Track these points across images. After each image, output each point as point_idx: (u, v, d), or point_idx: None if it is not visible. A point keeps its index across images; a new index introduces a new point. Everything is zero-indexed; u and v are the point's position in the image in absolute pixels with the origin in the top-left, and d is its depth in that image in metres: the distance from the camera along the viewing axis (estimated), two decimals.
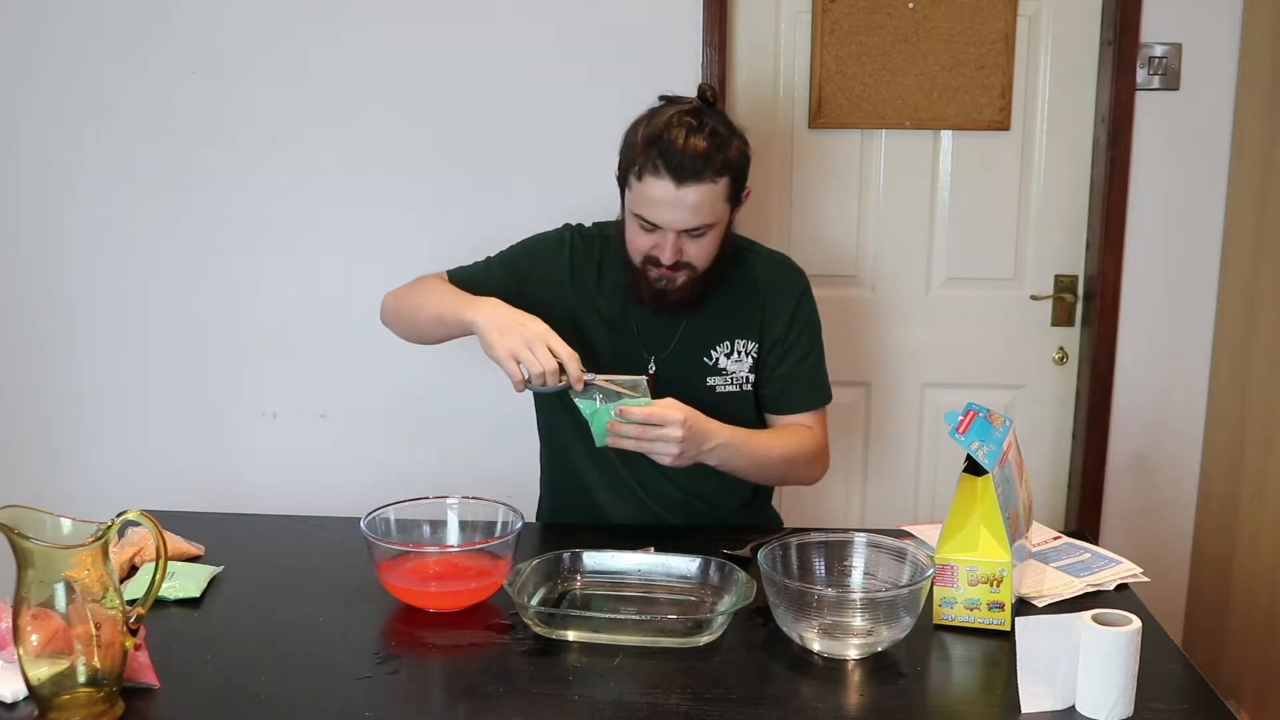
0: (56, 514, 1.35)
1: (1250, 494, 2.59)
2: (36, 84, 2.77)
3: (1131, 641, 1.35)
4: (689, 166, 1.79)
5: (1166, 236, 2.74)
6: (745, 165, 1.89)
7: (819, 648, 1.51)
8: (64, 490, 2.88)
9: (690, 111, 1.84)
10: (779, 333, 2.03)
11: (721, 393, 2.01)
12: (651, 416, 1.78)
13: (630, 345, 2.01)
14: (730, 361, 2.02)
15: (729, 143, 1.84)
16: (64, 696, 1.33)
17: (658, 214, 1.84)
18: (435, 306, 1.93)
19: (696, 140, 1.80)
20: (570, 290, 2.02)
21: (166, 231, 2.82)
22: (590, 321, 2.01)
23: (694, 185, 1.80)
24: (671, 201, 1.82)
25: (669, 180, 1.80)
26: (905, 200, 2.81)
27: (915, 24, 2.71)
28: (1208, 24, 2.64)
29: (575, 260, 2.03)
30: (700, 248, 1.89)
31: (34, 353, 2.90)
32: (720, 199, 1.85)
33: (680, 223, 1.84)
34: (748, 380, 2.03)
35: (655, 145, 1.81)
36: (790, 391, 2.04)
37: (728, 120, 1.89)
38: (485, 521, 1.78)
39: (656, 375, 2.00)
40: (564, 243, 2.05)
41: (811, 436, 2.03)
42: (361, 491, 2.10)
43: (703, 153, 1.79)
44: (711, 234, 1.88)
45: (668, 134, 1.80)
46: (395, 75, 2.72)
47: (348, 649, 1.56)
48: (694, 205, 1.82)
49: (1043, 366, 2.87)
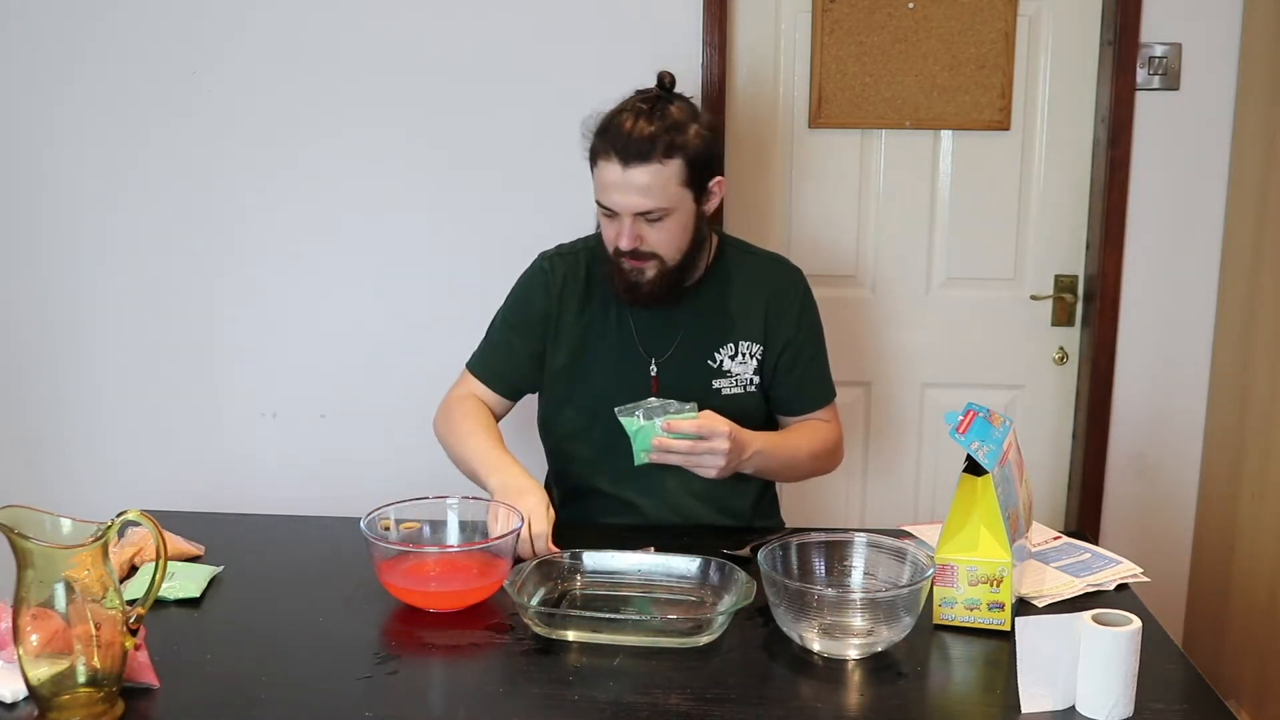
0: (56, 514, 1.36)
1: (1250, 494, 2.59)
2: (39, 85, 2.77)
3: (1131, 641, 1.35)
4: (635, 148, 1.84)
5: (1166, 236, 2.74)
6: (707, 152, 1.90)
7: (819, 648, 1.51)
8: (64, 490, 2.88)
9: (644, 98, 1.90)
10: (788, 335, 2.04)
11: (727, 395, 2.01)
12: (702, 429, 1.81)
13: (630, 349, 2.02)
14: (735, 364, 2.02)
15: (684, 127, 1.87)
16: (64, 696, 1.33)
17: (610, 197, 1.89)
18: (468, 461, 1.97)
19: (644, 123, 1.85)
20: (567, 314, 2.05)
21: (166, 232, 2.82)
22: (592, 336, 2.04)
23: (640, 166, 1.84)
24: (620, 183, 1.86)
25: (617, 162, 1.85)
26: (905, 200, 2.81)
27: (915, 24, 2.71)
28: (1208, 24, 2.64)
29: (560, 284, 2.06)
30: (661, 235, 1.90)
31: (33, 352, 2.89)
32: (673, 183, 1.87)
33: (631, 205, 1.87)
34: (752, 382, 2.03)
35: (607, 131, 1.88)
36: (806, 392, 2.08)
37: (692, 108, 1.92)
38: (485, 521, 1.78)
39: (659, 378, 2.00)
40: (545, 273, 2.08)
41: (830, 430, 2.10)
42: (361, 491, 2.11)
43: (649, 135, 1.84)
44: (670, 220, 1.90)
45: (617, 118, 1.87)
46: (395, 77, 2.72)
47: (348, 649, 1.56)
48: (642, 187, 1.85)
49: (1043, 366, 2.87)
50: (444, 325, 2.75)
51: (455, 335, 2.25)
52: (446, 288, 2.79)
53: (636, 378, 2.02)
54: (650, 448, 1.83)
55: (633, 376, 2.02)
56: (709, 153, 1.91)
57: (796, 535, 1.68)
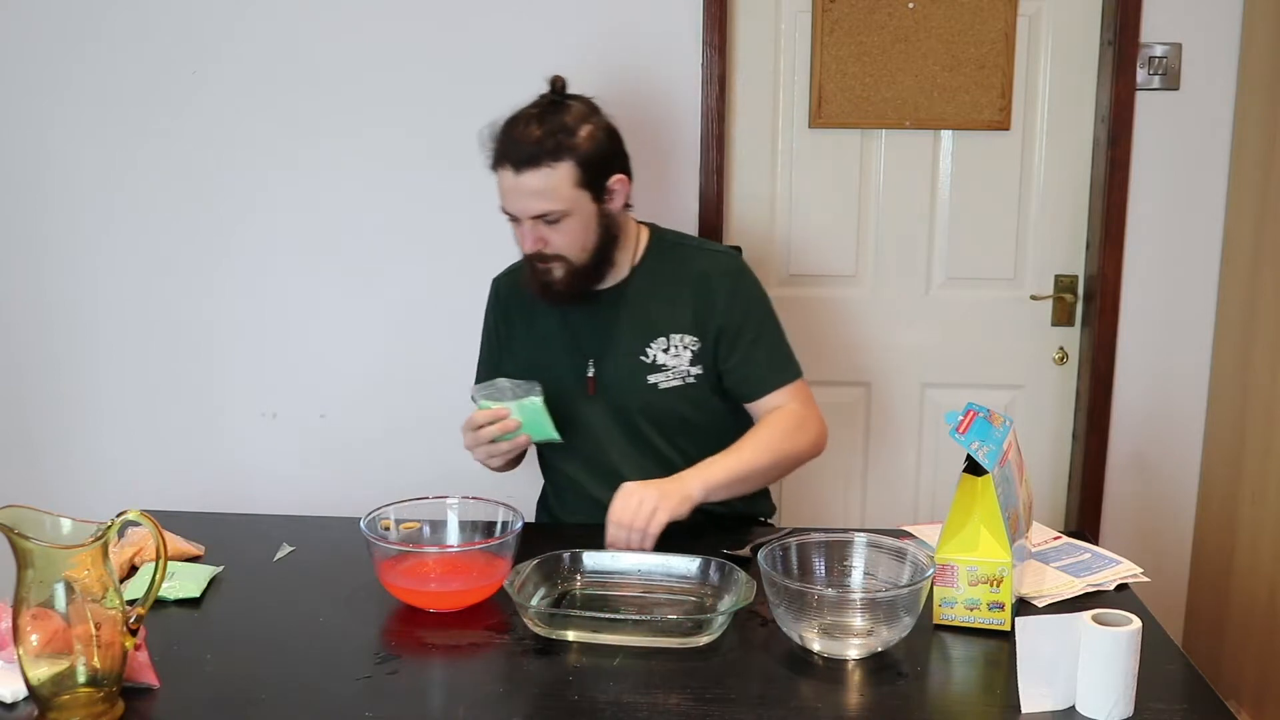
0: (56, 514, 1.36)
1: (1250, 494, 2.59)
2: (39, 85, 2.77)
3: (1131, 641, 1.35)
4: (525, 153, 1.88)
5: (1166, 236, 2.74)
6: (601, 152, 1.93)
7: (819, 648, 1.51)
8: (64, 490, 2.88)
9: (536, 103, 1.94)
10: (720, 322, 2.03)
11: (665, 389, 2.03)
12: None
13: (572, 350, 2.06)
14: (668, 356, 2.03)
15: (574, 130, 1.90)
16: (64, 696, 1.33)
17: (508, 203, 1.93)
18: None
19: (533, 129, 1.89)
20: (516, 328, 2.13)
21: (166, 232, 2.82)
22: (541, 343, 2.09)
23: (531, 171, 1.88)
24: (514, 189, 1.90)
25: (510, 169, 1.89)
26: (905, 200, 2.81)
27: (915, 24, 2.71)
28: (1208, 24, 2.64)
29: (505, 303, 2.15)
30: (563, 237, 1.93)
31: (33, 352, 2.89)
32: (566, 184, 1.89)
33: (526, 209, 1.91)
34: (690, 374, 2.03)
35: (500, 139, 1.92)
36: (754, 375, 2.05)
37: (587, 109, 1.96)
38: (485, 521, 1.79)
39: (597, 377, 2.04)
40: (495, 297, 2.19)
41: (785, 415, 2.02)
42: (361, 491, 2.11)
43: (537, 140, 1.88)
44: (570, 222, 1.92)
45: (508, 128, 1.92)
46: (395, 77, 2.72)
47: (348, 649, 1.56)
48: (535, 191, 1.89)
49: (1043, 366, 2.87)
50: (444, 325, 2.75)
51: (455, 335, 2.26)
52: (447, 288, 2.79)
53: (576, 378, 2.05)
54: (538, 428, 1.93)
55: (572, 377, 2.05)
56: (604, 152, 1.94)
57: (796, 535, 1.68)
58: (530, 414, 1.93)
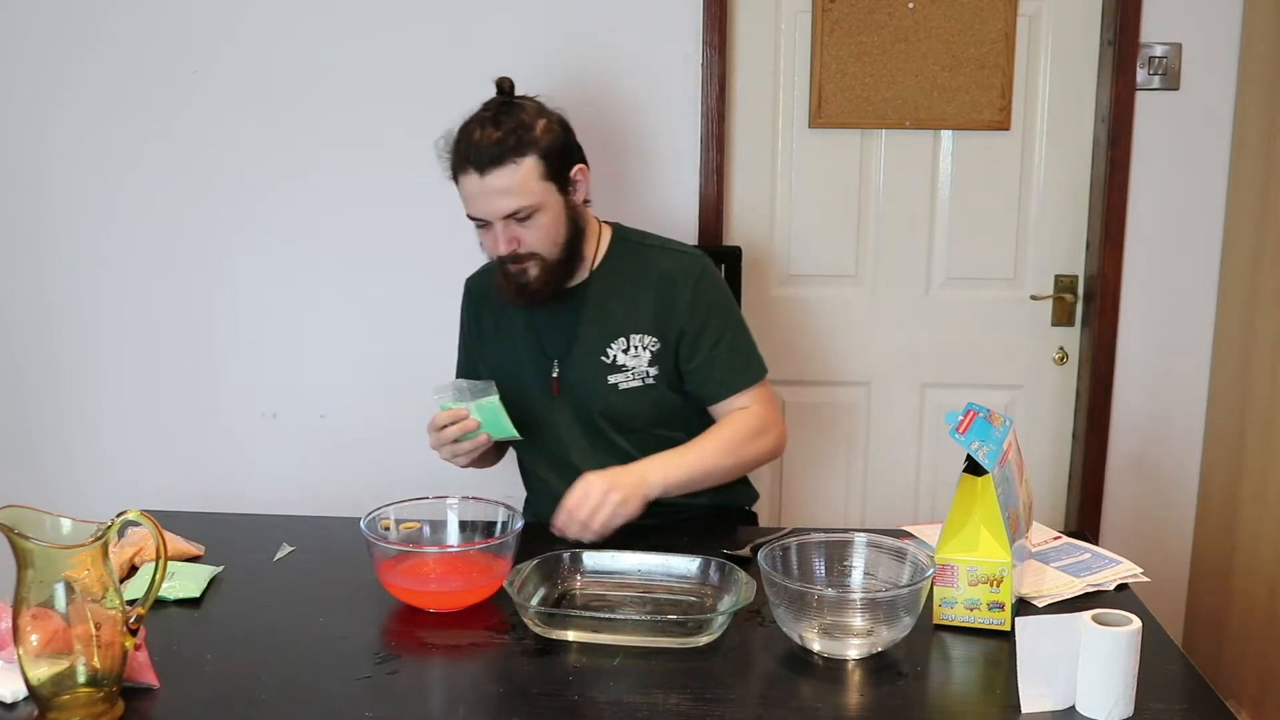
0: (56, 514, 1.36)
1: (1250, 494, 2.59)
2: (39, 86, 2.77)
3: (1131, 641, 1.35)
4: (487, 154, 1.88)
5: (1166, 236, 2.74)
6: (560, 143, 1.95)
7: (819, 648, 1.51)
8: (64, 490, 2.88)
9: (487, 106, 1.95)
10: (681, 324, 2.03)
11: (625, 389, 2.03)
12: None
13: (536, 352, 2.07)
14: (628, 357, 2.03)
15: (531, 125, 1.92)
16: (64, 696, 1.33)
17: (476, 208, 1.94)
18: None
19: (491, 130, 1.90)
20: (486, 328, 2.14)
21: (166, 232, 2.82)
22: (508, 344, 2.10)
23: (496, 170, 1.88)
24: (482, 192, 1.91)
25: (474, 173, 1.90)
26: (905, 200, 2.81)
27: (915, 24, 2.70)
28: (1208, 24, 2.64)
29: (476, 304, 2.18)
30: (536, 233, 1.94)
31: (33, 352, 2.89)
32: (533, 178, 1.90)
33: (497, 210, 1.91)
34: (649, 375, 2.03)
35: (459, 145, 1.93)
36: (714, 377, 2.04)
37: (538, 105, 1.98)
38: (485, 521, 1.79)
39: (561, 378, 2.04)
40: (468, 297, 2.21)
41: (747, 416, 2.02)
42: (361, 491, 2.11)
43: (498, 139, 1.89)
44: (541, 217, 1.93)
45: (465, 134, 1.92)
46: (395, 76, 2.72)
47: (348, 649, 1.56)
48: (504, 189, 1.89)
49: (1042, 366, 2.87)
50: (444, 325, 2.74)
51: (455, 336, 2.26)
52: (447, 288, 2.78)
53: (541, 379, 2.06)
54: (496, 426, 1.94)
55: (538, 378, 2.06)
56: (562, 143, 1.96)
57: (796, 535, 1.68)
58: (488, 413, 1.94)
